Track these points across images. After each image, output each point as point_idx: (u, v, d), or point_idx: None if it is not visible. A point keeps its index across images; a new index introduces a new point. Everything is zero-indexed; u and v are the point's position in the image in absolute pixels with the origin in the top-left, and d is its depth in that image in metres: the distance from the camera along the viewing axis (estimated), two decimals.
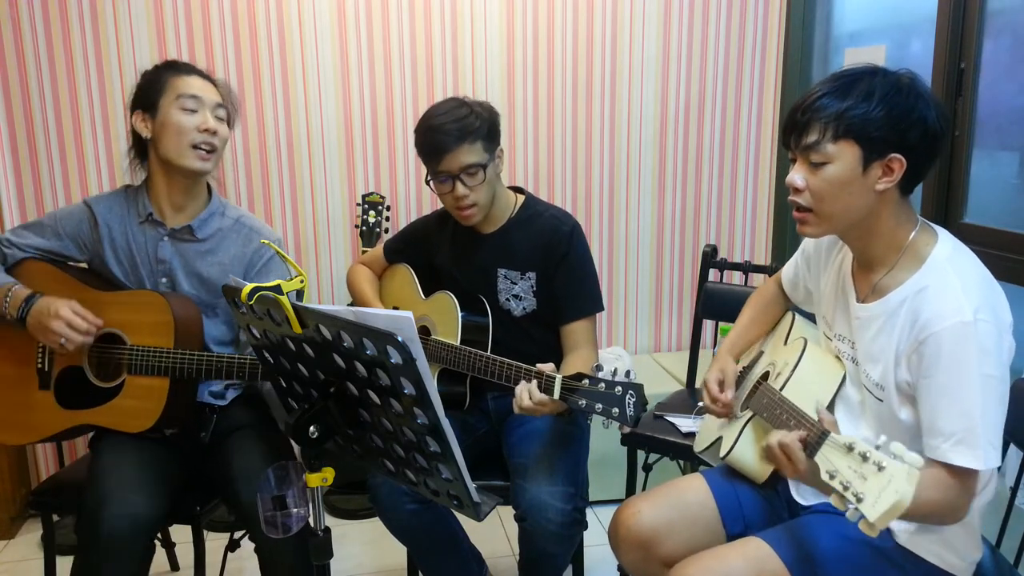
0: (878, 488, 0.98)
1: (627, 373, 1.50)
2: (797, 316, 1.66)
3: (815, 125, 1.28)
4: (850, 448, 1.05)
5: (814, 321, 1.61)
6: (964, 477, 1.20)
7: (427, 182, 1.88)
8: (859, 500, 0.99)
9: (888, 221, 1.32)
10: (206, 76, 1.84)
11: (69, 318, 1.71)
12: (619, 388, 1.48)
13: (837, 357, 1.47)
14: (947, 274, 1.26)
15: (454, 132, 1.78)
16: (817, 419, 1.25)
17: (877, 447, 1.03)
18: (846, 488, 1.02)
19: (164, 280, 1.85)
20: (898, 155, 1.25)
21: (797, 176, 1.32)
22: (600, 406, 1.49)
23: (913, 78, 1.29)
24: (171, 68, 1.83)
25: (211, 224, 1.87)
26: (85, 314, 1.74)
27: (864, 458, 1.02)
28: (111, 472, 1.67)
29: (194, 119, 1.77)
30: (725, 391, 1.59)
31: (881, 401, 1.34)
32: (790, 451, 1.20)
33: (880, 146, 1.25)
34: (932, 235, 1.33)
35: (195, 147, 1.77)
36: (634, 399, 1.47)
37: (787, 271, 1.68)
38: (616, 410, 1.48)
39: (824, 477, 1.07)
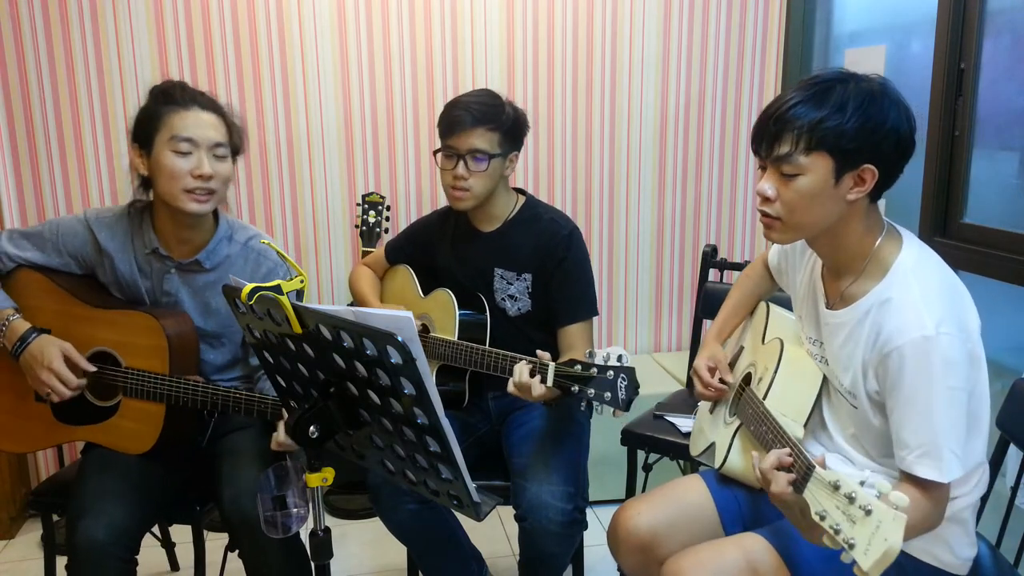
0: (867, 535, 0.97)
1: (619, 357, 1.48)
2: (772, 308, 1.66)
3: (787, 136, 1.25)
4: (836, 487, 1.04)
5: (790, 307, 1.62)
6: (932, 490, 1.20)
7: (434, 154, 1.90)
8: (851, 547, 0.99)
9: (857, 228, 1.31)
10: (206, 104, 1.72)
11: (60, 372, 1.68)
12: (611, 372, 1.47)
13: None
14: (910, 285, 1.26)
15: (476, 112, 1.81)
16: (801, 438, 1.24)
17: (862, 483, 1.01)
18: (836, 532, 1.01)
19: None
20: (870, 166, 1.24)
21: (768, 186, 1.30)
22: (592, 391, 1.48)
23: (884, 83, 1.27)
24: (168, 101, 1.69)
25: (219, 252, 1.80)
26: (78, 361, 1.70)
27: (850, 500, 1.01)
28: (94, 483, 1.66)
29: (187, 163, 1.66)
30: (716, 376, 1.59)
31: (856, 408, 1.34)
32: (768, 477, 1.19)
33: (853, 157, 1.24)
34: (897, 242, 1.32)
35: (189, 191, 1.67)
36: (626, 382, 1.46)
37: (773, 254, 1.67)
38: (608, 394, 1.47)
39: (815, 518, 1.06)
